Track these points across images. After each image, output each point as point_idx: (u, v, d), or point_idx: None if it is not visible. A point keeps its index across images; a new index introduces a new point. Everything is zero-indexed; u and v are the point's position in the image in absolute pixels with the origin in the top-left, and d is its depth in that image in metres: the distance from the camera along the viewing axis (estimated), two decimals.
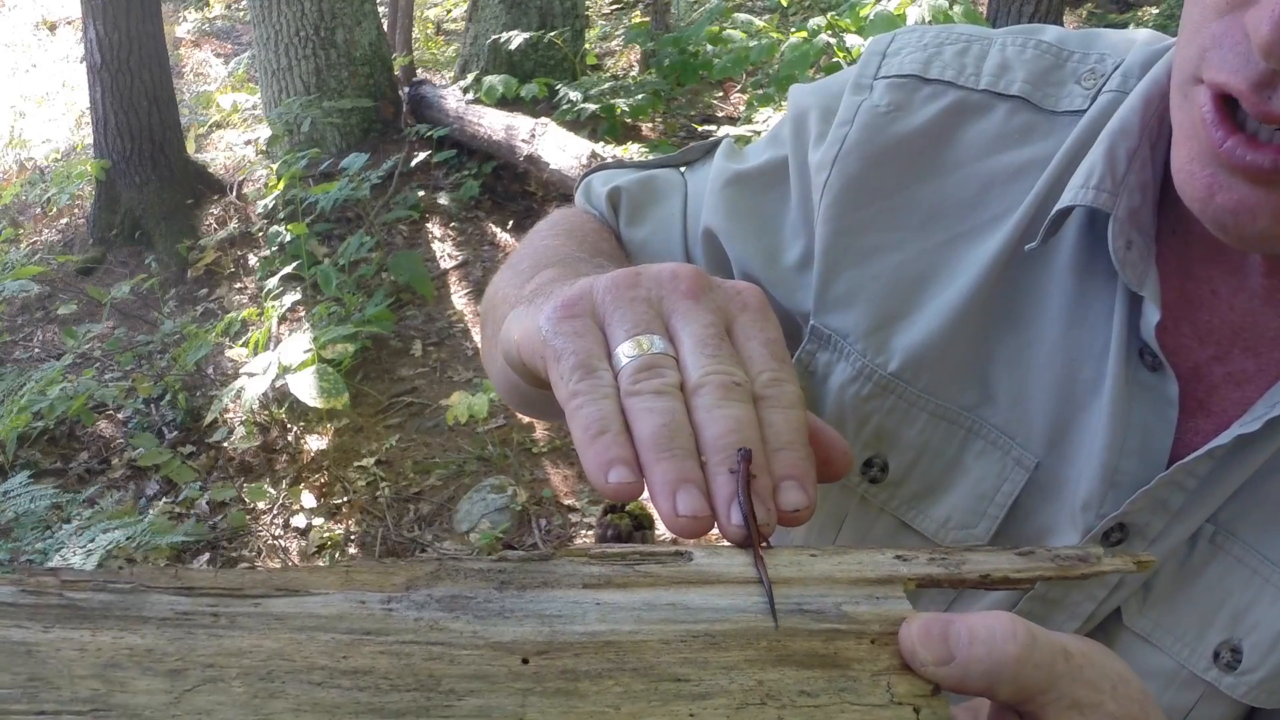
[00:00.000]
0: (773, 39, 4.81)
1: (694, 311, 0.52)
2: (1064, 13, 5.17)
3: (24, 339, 4.76)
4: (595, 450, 0.47)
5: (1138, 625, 0.70)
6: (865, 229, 0.76)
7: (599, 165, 0.94)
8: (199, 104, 6.89)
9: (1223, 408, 0.68)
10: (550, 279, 0.63)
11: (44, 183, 6.04)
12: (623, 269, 0.54)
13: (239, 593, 0.41)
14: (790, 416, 0.50)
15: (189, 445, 3.84)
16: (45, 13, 9.04)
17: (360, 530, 3.39)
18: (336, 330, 3.75)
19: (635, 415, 0.48)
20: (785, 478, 0.48)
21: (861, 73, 0.78)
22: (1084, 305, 0.70)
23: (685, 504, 0.46)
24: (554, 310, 0.52)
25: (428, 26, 8.17)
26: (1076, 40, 0.75)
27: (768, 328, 0.53)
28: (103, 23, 5.01)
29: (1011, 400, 0.72)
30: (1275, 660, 0.66)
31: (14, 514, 2.65)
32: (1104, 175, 0.67)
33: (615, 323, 0.51)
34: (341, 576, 0.42)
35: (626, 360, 0.50)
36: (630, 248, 0.88)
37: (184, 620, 0.40)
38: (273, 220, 4.81)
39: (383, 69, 5.57)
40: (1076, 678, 0.45)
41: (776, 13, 6.16)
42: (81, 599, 0.39)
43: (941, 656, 0.44)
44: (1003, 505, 0.72)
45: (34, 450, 3.79)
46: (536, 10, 5.55)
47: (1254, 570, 0.67)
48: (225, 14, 9.20)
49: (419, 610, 0.41)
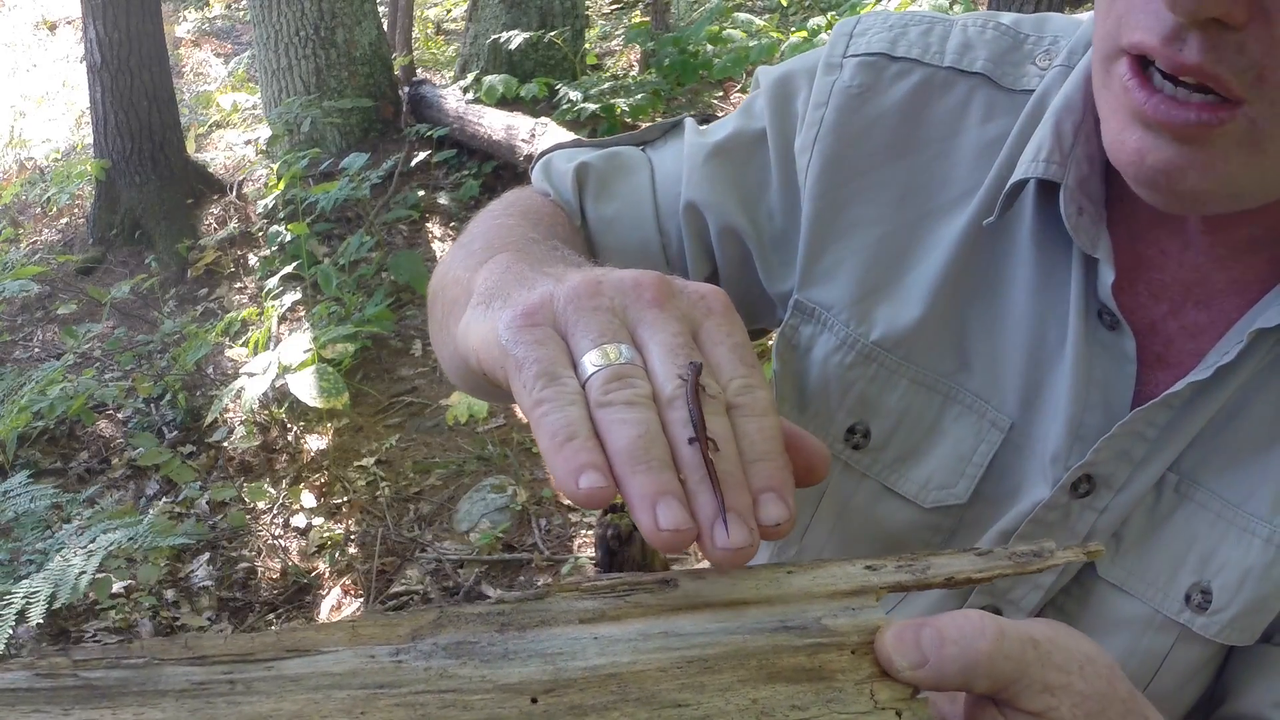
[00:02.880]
0: (773, 39, 4.81)
1: (660, 320, 0.51)
2: (1064, 9, 5.16)
3: (24, 339, 4.76)
4: (564, 456, 0.46)
5: (1111, 575, 0.73)
6: (846, 205, 0.79)
7: (555, 145, 0.93)
8: (199, 104, 6.89)
9: (1179, 359, 0.72)
10: (504, 269, 0.61)
11: (44, 182, 6.04)
12: (583, 276, 0.53)
13: (251, 657, 0.41)
14: (764, 425, 0.49)
15: (189, 445, 3.84)
16: (45, 13, 9.04)
17: (360, 530, 3.39)
18: (336, 330, 3.75)
19: (607, 426, 0.47)
20: (764, 490, 0.47)
21: (831, 52, 0.81)
22: (1046, 273, 0.74)
23: (667, 517, 0.45)
24: (514, 319, 0.51)
25: (428, 26, 8.17)
26: (1030, 24, 0.79)
27: (734, 331, 0.53)
28: (103, 22, 5.01)
29: (986, 366, 0.76)
30: (1243, 598, 0.70)
31: (14, 514, 2.65)
32: (1052, 148, 0.71)
33: (579, 332, 0.50)
34: (348, 632, 0.43)
35: (593, 370, 0.49)
36: (597, 224, 0.87)
37: (201, 690, 0.40)
38: (273, 220, 4.81)
39: (383, 69, 5.57)
40: (1046, 663, 0.48)
41: (776, 13, 6.16)
42: (96, 678, 0.40)
43: (916, 660, 0.46)
44: (980, 465, 0.76)
45: (34, 450, 3.80)
46: (536, 10, 5.55)
47: (1217, 514, 0.71)
48: (225, 14, 9.20)
49: (427, 659, 0.42)
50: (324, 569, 3.29)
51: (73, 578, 2.26)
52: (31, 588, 2.23)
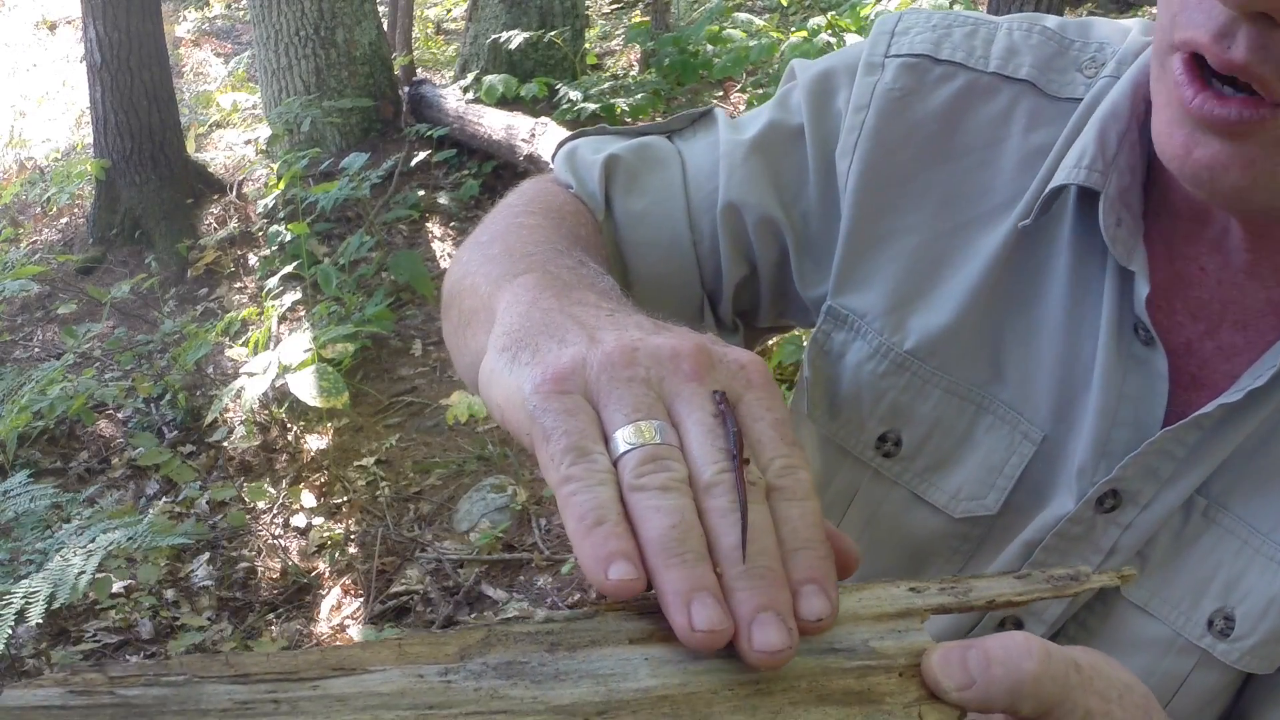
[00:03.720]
0: (773, 39, 4.81)
1: (699, 396, 0.48)
2: (1063, 11, 5.16)
3: (24, 339, 4.76)
4: (592, 542, 0.44)
5: (1135, 596, 0.73)
6: (884, 213, 0.78)
7: (580, 131, 0.90)
8: (199, 103, 6.89)
9: (1214, 381, 0.71)
10: (530, 303, 0.57)
11: (44, 182, 6.04)
12: (618, 340, 0.50)
13: (295, 676, 0.40)
14: (806, 510, 0.47)
15: (189, 445, 3.84)
16: (45, 12, 9.04)
17: (360, 530, 3.39)
18: (336, 330, 3.75)
19: (641, 513, 0.45)
20: (806, 581, 0.45)
21: (872, 51, 0.79)
22: (1083, 285, 0.73)
23: (702, 617, 0.42)
24: (542, 383, 0.49)
25: (428, 26, 8.17)
26: (1075, 29, 0.78)
27: (775, 406, 0.50)
28: (103, 22, 5.01)
29: (1020, 377, 0.75)
30: (1266, 626, 0.69)
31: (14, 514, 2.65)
32: (1095, 156, 0.70)
33: (612, 405, 0.48)
34: (395, 651, 0.42)
35: (626, 448, 0.46)
36: (625, 219, 0.84)
37: (245, 710, 0.39)
38: (273, 220, 4.82)
39: (383, 68, 5.57)
40: (1088, 688, 0.48)
41: (776, 12, 6.16)
42: (135, 695, 0.39)
43: (963, 682, 0.46)
44: (1011, 477, 0.75)
45: (34, 450, 3.80)
46: (536, 10, 5.55)
47: (1244, 541, 0.70)
48: (225, 14, 9.20)
49: (477, 680, 0.41)
50: (324, 569, 3.29)
51: (72, 577, 2.26)
52: (31, 587, 2.23)
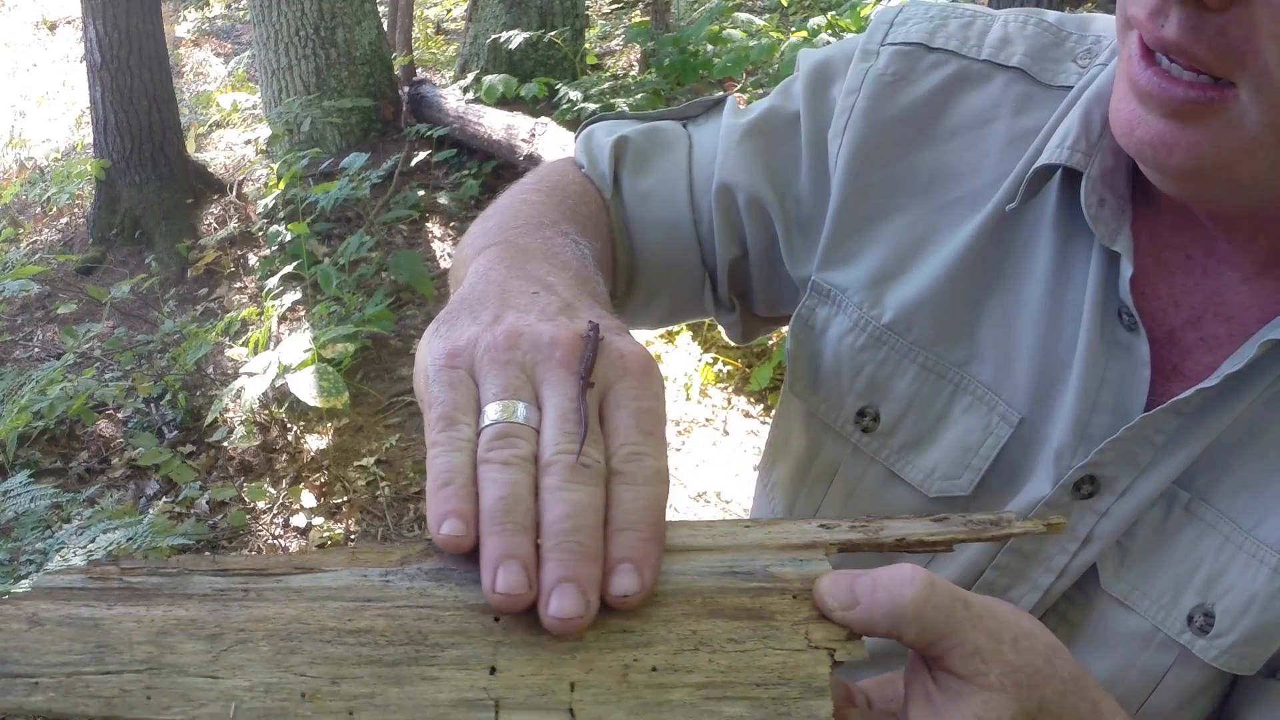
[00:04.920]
0: (773, 39, 4.81)
1: (562, 382, 0.52)
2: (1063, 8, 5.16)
3: (24, 339, 4.76)
4: (436, 500, 0.48)
5: (1114, 589, 0.72)
6: (871, 193, 0.79)
7: (600, 116, 0.94)
8: (199, 103, 6.89)
9: (1195, 372, 0.70)
10: (479, 276, 0.63)
11: (44, 182, 6.04)
12: (511, 324, 0.54)
13: (265, 572, 0.49)
14: (641, 494, 0.49)
15: (189, 445, 3.84)
16: (45, 12, 9.03)
17: (360, 530, 3.39)
18: (336, 330, 3.75)
19: (482, 483, 0.48)
20: (620, 560, 0.48)
21: (869, 40, 0.81)
22: (1067, 267, 0.73)
23: (503, 581, 0.46)
24: (439, 357, 0.53)
25: (428, 26, 8.17)
26: (1074, 23, 0.79)
27: (643, 395, 0.53)
28: (103, 22, 5.01)
29: (999, 357, 0.75)
30: (1245, 625, 0.69)
31: (14, 513, 2.65)
32: (1078, 136, 0.70)
33: (487, 383, 0.52)
34: (349, 556, 0.50)
35: (488, 424, 0.50)
36: (632, 198, 0.87)
37: (220, 595, 0.48)
38: (273, 220, 4.81)
39: (383, 68, 5.57)
40: (976, 625, 0.50)
41: (776, 13, 6.16)
42: (137, 582, 0.48)
43: (847, 602, 0.49)
44: (986, 458, 0.75)
45: (34, 450, 3.79)
46: (536, 10, 5.55)
47: (1226, 537, 0.70)
48: (225, 13, 9.20)
49: (410, 581, 0.49)
50: None
51: None
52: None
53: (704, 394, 3.70)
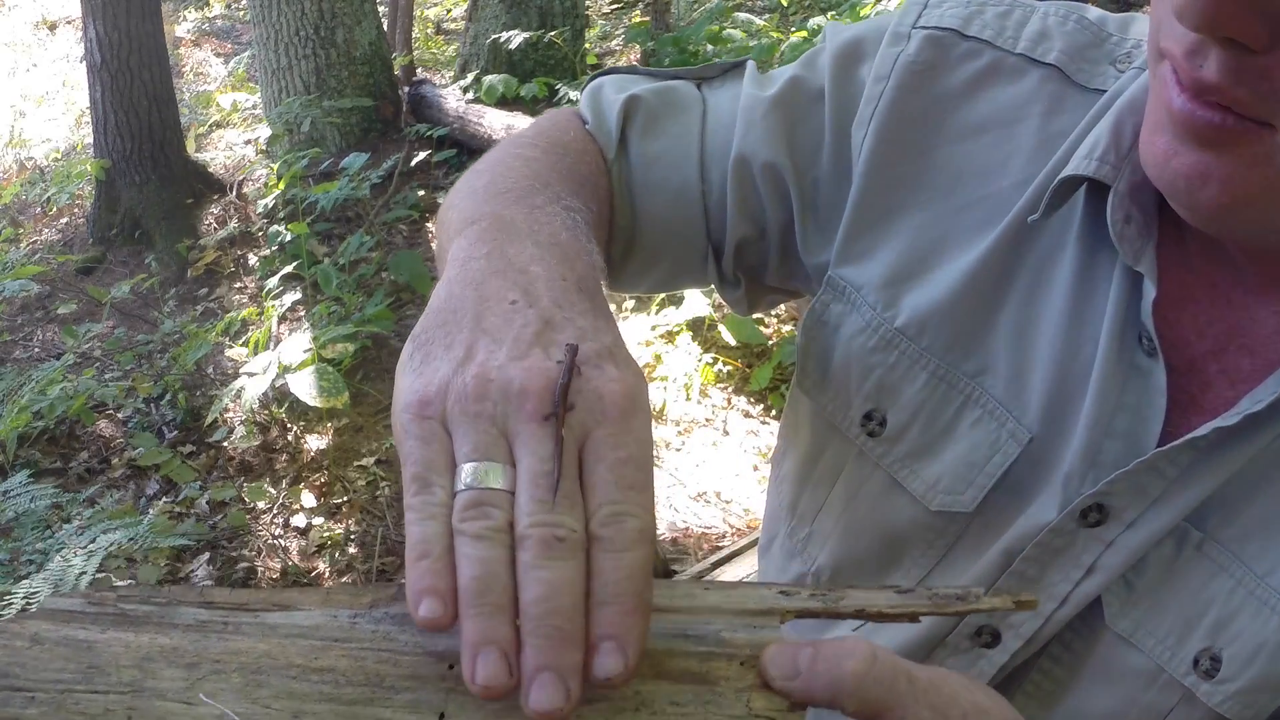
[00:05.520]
0: (773, 39, 4.81)
1: (535, 438, 0.48)
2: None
3: (24, 339, 4.76)
4: (413, 575, 0.46)
5: (1119, 626, 0.70)
6: (894, 187, 0.76)
7: (609, 69, 0.89)
8: (199, 104, 6.89)
9: (1215, 406, 0.67)
10: (460, 269, 0.59)
11: (44, 182, 6.04)
12: (480, 367, 0.51)
13: (245, 607, 0.52)
14: (622, 562, 0.46)
15: (189, 445, 3.84)
16: (45, 12, 9.03)
17: (360, 530, 3.39)
18: (336, 330, 3.75)
19: (458, 558, 0.46)
20: (604, 637, 0.45)
21: (900, 21, 0.77)
22: (1089, 282, 0.70)
23: (482, 672, 0.44)
24: (409, 405, 0.51)
25: (428, 26, 8.17)
26: (1115, 24, 0.75)
27: (623, 443, 0.49)
28: (103, 22, 5.01)
29: (1013, 372, 0.72)
30: (1253, 673, 0.66)
31: (14, 514, 2.65)
32: (1108, 147, 0.67)
33: (459, 439, 0.49)
34: (323, 596, 0.53)
35: (462, 487, 0.48)
36: (638, 160, 0.82)
37: (203, 627, 0.51)
38: (273, 220, 4.82)
39: (383, 68, 5.57)
40: (920, 700, 0.49)
41: (776, 13, 6.16)
42: (130, 609, 0.52)
43: (788, 672, 0.48)
44: (992, 475, 0.72)
45: (34, 450, 3.79)
46: (536, 10, 5.55)
47: (1239, 581, 0.67)
48: (225, 14, 9.20)
49: (376, 624, 0.51)
50: (324, 569, 3.29)
51: (73, 578, 2.26)
52: (31, 588, 2.23)
53: (704, 394, 3.70)
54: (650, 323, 3.73)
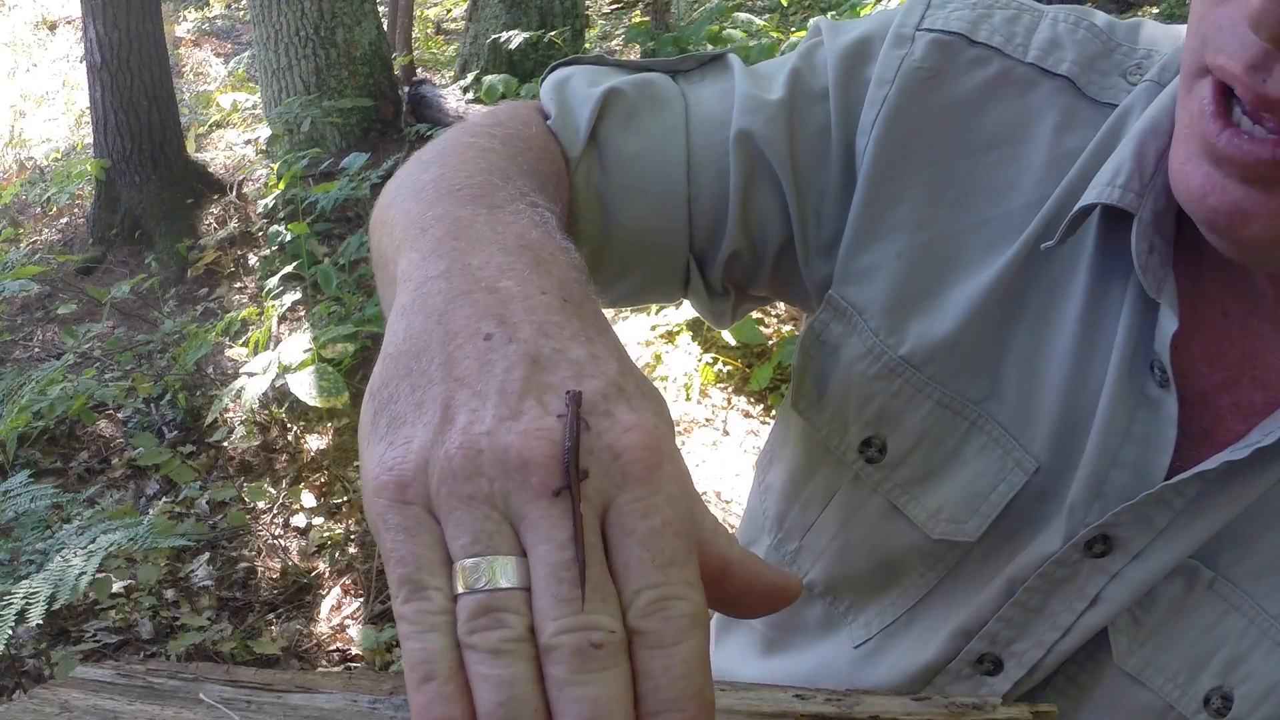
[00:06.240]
0: (773, 39, 4.81)
1: (547, 519, 0.40)
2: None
3: (24, 339, 4.76)
4: (420, 702, 0.38)
5: (1128, 664, 0.68)
6: (896, 202, 0.71)
7: (571, 59, 0.79)
8: (199, 103, 6.89)
9: (1226, 439, 0.65)
10: (418, 286, 0.48)
11: (44, 182, 6.04)
12: (464, 436, 0.41)
13: (269, 687, 0.54)
14: (675, 660, 0.38)
15: (189, 445, 3.84)
16: (45, 12, 9.03)
17: (360, 530, 3.39)
18: (336, 330, 3.75)
19: (473, 680, 0.38)
20: None
21: (904, 21, 0.73)
22: (1100, 310, 0.67)
23: None
24: (383, 487, 0.41)
25: (428, 26, 8.17)
26: (1124, 31, 0.72)
27: (652, 507, 0.40)
28: (102, 22, 5.01)
29: (1020, 399, 0.69)
30: (1264, 713, 0.66)
31: (14, 514, 2.65)
32: (1131, 174, 0.64)
33: (452, 528, 0.40)
34: (345, 680, 0.54)
35: (464, 590, 0.39)
36: (613, 159, 0.74)
37: (227, 704, 0.52)
38: (273, 220, 4.81)
39: (383, 68, 5.57)
40: None
41: (776, 13, 6.16)
42: (158, 683, 0.54)
43: None
44: (997, 505, 0.70)
45: (34, 450, 3.79)
46: (536, 10, 5.55)
47: (1251, 621, 0.66)
48: (225, 14, 9.20)
49: (395, 710, 0.52)
50: (324, 569, 3.29)
51: (73, 578, 2.26)
52: (31, 588, 2.23)
53: (704, 394, 3.70)
54: (650, 323, 3.73)
